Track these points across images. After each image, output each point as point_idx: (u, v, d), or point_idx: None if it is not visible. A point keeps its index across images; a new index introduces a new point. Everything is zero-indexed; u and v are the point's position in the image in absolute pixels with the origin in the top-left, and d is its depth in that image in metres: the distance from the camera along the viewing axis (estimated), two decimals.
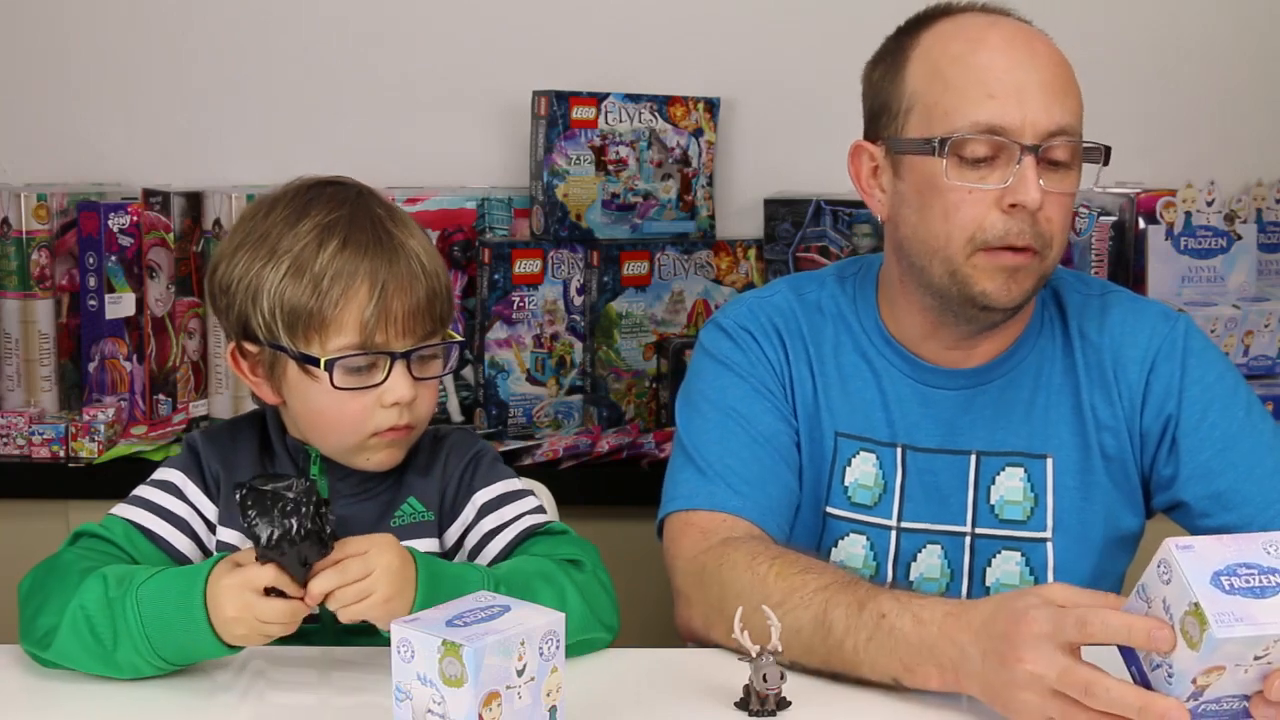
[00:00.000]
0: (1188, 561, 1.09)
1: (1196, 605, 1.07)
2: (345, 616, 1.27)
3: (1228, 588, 1.08)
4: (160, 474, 1.49)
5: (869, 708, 1.29)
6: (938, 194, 1.46)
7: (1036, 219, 1.44)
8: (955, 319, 1.51)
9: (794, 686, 1.28)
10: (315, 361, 1.39)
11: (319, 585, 1.25)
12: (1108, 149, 1.49)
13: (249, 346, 1.44)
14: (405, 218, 1.47)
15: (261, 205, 1.46)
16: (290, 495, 1.22)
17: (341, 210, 1.42)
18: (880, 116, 1.52)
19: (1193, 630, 1.08)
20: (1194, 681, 1.09)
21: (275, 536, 1.22)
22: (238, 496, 1.24)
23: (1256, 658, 1.08)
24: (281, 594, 1.26)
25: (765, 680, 1.25)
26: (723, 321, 1.62)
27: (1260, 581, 1.08)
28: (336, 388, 1.39)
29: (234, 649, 1.29)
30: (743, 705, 1.27)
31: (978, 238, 1.45)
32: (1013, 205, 1.43)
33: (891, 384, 1.57)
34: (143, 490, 1.47)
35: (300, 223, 1.41)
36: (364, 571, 1.26)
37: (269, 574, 1.25)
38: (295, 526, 1.22)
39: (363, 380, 1.40)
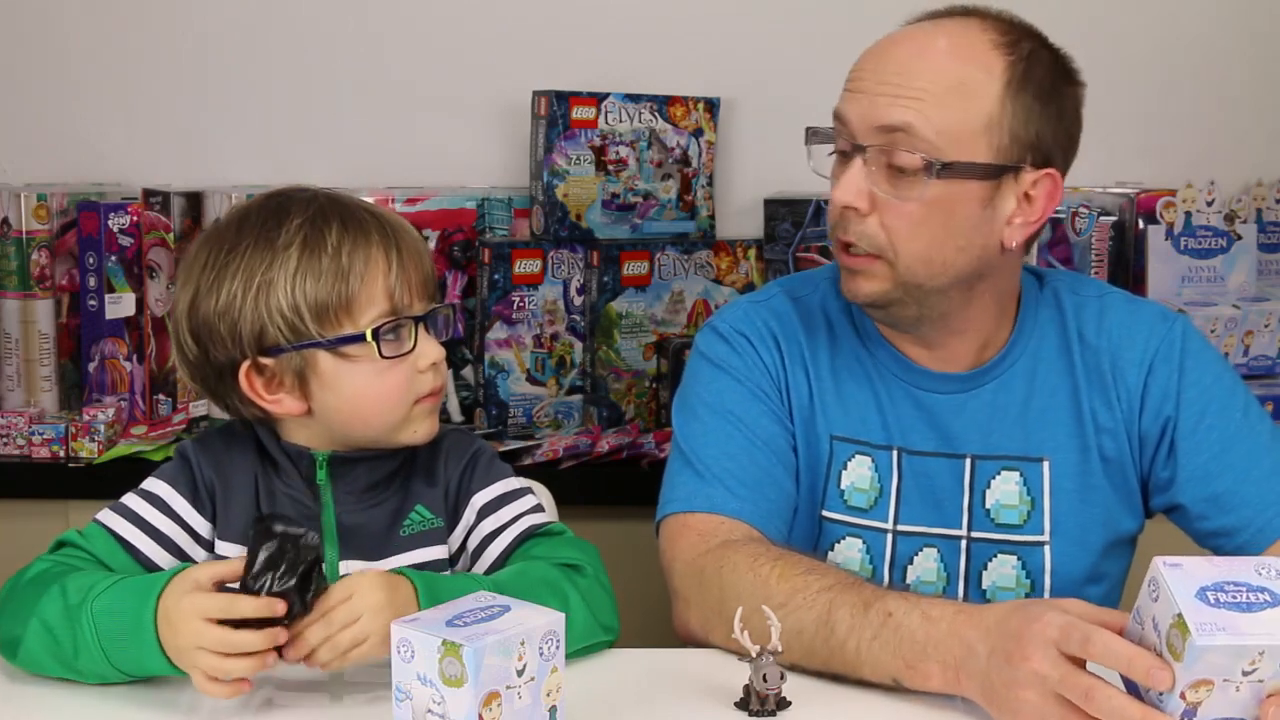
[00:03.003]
0: (1174, 578, 1.09)
1: (1179, 616, 1.07)
2: (346, 663, 1.25)
3: (1213, 601, 1.08)
4: (149, 484, 1.47)
5: (869, 708, 1.29)
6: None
7: (868, 222, 1.46)
8: (897, 326, 1.55)
9: (794, 686, 1.28)
10: (359, 338, 1.40)
11: (311, 636, 1.23)
12: (944, 164, 1.42)
13: (265, 361, 1.41)
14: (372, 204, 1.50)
15: (223, 235, 1.43)
16: (302, 542, 1.23)
17: (318, 201, 1.43)
18: None
19: (1177, 642, 1.07)
20: (1183, 696, 1.09)
21: (267, 564, 1.22)
22: (254, 527, 1.25)
23: (1245, 672, 1.07)
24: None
25: (765, 680, 1.25)
26: (718, 325, 1.62)
27: (1248, 598, 1.08)
28: (384, 357, 1.40)
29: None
30: (743, 705, 1.27)
31: (831, 234, 1.52)
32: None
33: (886, 387, 1.57)
34: (130, 499, 1.45)
35: (284, 224, 1.40)
36: (351, 617, 1.24)
37: (216, 602, 1.23)
38: (293, 561, 1.22)
39: (398, 348, 1.41)
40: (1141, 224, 2.32)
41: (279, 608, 1.22)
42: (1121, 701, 1.12)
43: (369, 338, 1.40)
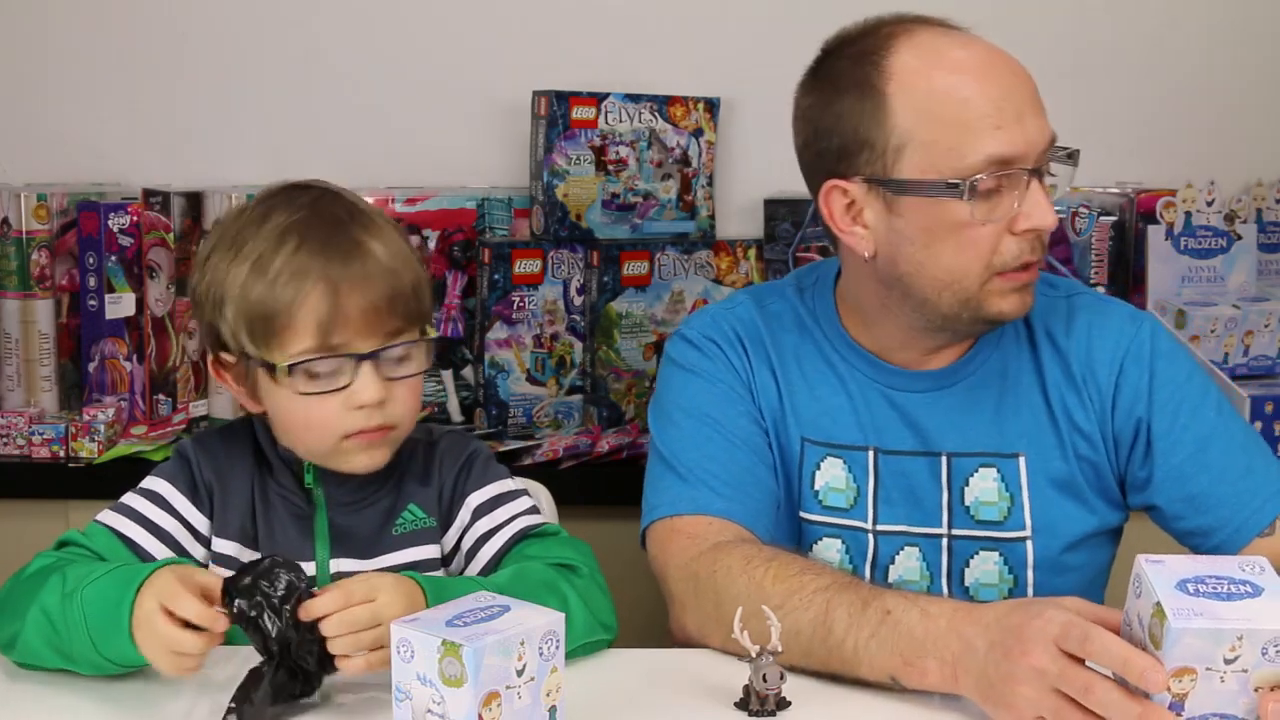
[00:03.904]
0: (1155, 572, 1.11)
1: (1158, 605, 1.08)
2: (368, 665, 1.24)
3: (1192, 591, 1.10)
4: (148, 483, 1.47)
5: (869, 708, 1.30)
6: (953, 231, 1.44)
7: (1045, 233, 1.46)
8: (950, 335, 1.53)
9: (794, 686, 1.28)
10: (274, 368, 1.38)
11: (326, 628, 1.22)
12: (1077, 151, 1.50)
13: (225, 356, 1.43)
14: (372, 219, 1.44)
15: (239, 209, 1.46)
16: (279, 581, 1.23)
17: (301, 212, 1.41)
18: (856, 153, 1.46)
19: (1157, 631, 1.09)
20: (1168, 688, 1.09)
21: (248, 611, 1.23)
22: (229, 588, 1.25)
23: (1227, 660, 1.08)
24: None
25: (765, 680, 1.25)
26: (687, 333, 1.63)
27: (1227, 589, 1.10)
28: (300, 393, 1.38)
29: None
30: (743, 705, 1.27)
31: (992, 264, 1.45)
32: (1027, 229, 1.43)
33: (859, 388, 1.57)
34: (129, 498, 1.46)
35: (264, 225, 1.41)
36: (373, 620, 1.23)
37: (170, 589, 1.23)
38: (273, 581, 1.23)
39: (326, 385, 1.38)
40: (1141, 224, 2.32)
41: (221, 623, 1.22)
42: (1119, 696, 1.12)
43: (283, 372, 1.38)
